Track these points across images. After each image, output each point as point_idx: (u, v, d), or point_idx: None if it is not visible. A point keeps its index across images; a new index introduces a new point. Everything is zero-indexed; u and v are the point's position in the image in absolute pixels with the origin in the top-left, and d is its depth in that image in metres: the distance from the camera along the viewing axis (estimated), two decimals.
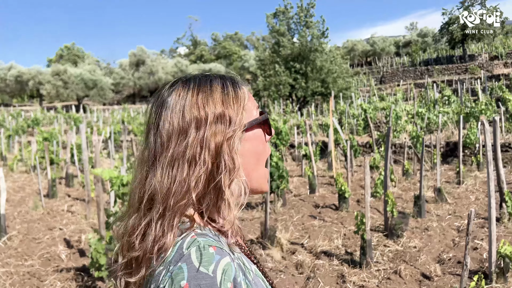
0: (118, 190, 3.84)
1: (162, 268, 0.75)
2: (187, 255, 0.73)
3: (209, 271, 0.71)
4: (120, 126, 23.24)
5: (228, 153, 0.81)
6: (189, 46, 73.69)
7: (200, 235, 0.77)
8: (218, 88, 0.86)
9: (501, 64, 29.87)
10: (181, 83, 0.87)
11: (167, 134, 0.82)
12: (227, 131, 0.82)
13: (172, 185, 0.79)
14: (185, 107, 0.83)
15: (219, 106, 0.84)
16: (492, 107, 16.41)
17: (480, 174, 10.00)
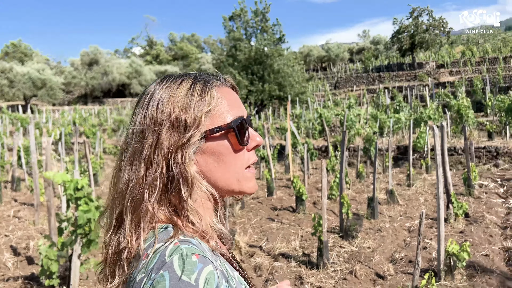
0: (73, 195, 3.69)
1: (144, 276, 0.72)
2: (170, 263, 0.71)
3: (191, 280, 0.69)
4: (71, 127, 22.34)
5: (182, 163, 0.79)
6: (144, 47, 72.15)
7: (183, 242, 0.75)
8: (184, 88, 0.83)
9: (446, 72, 31.52)
10: (158, 80, 0.87)
11: (131, 132, 0.83)
12: (181, 138, 0.80)
13: (130, 184, 0.79)
14: (148, 106, 0.82)
15: (178, 109, 0.80)
16: (439, 112, 17.29)
17: (429, 177, 10.48)
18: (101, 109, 38.95)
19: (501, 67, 27.84)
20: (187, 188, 0.80)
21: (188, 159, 0.80)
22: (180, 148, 0.80)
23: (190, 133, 0.80)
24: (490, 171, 10.81)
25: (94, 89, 51.35)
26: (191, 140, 0.80)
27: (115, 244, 0.79)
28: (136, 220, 0.78)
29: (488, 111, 17.92)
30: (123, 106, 42.06)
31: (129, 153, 0.81)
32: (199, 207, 0.82)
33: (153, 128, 0.80)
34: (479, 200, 7.76)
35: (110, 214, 0.83)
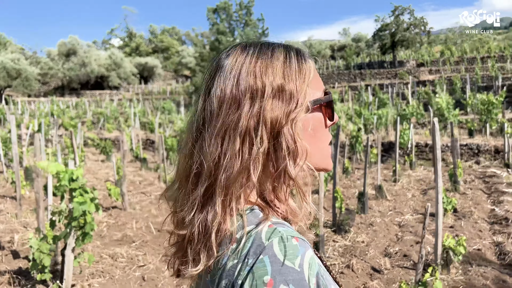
0: (68, 186, 3.54)
1: (237, 262, 0.65)
2: (269, 247, 0.64)
3: (295, 265, 0.62)
4: (49, 119, 21.75)
5: (291, 136, 0.71)
6: (123, 38, 70.92)
7: (278, 224, 0.68)
8: (280, 57, 0.75)
9: (426, 71, 32.08)
10: (240, 48, 0.77)
11: (218, 102, 0.72)
12: (287, 109, 0.72)
13: (222, 159, 0.70)
14: (240, 73, 0.73)
15: (279, 78, 0.73)
16: (420, 110, 17.58)
17: (413, 173, 10.62)
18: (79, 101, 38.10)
19: (479, 67, 28.50)
20: (294, 166, 0.72)
21: (299, 132, 0.72)
22: (289, 121, 0.72)
23: (298, 104, 0.73)
24: (471, 168, 11.04)
25: (71, 80, 50.14)
26: (300, 111, 0.73)
27: (200, 224, 0.70)
28: (228, 200, 0.70)
29: (468, 110, 18.30)
30: (101, 99, 41.23)
31: (218, 126, 0.71)
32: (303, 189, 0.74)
33: (251, 97, 0.72)
34: (465, 196, 7.90)
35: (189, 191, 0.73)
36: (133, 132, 15.30)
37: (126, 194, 7.39)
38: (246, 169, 0.70)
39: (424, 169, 11.24)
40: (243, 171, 0.70)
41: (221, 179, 0.70)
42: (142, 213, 7.20)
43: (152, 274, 4.57)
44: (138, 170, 12.00)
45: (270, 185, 0.74)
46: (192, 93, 30.71)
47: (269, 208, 0.73)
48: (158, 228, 6.32)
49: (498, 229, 5.92)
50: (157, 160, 12.77)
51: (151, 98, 38.34)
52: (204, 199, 0.71)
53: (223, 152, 0.70)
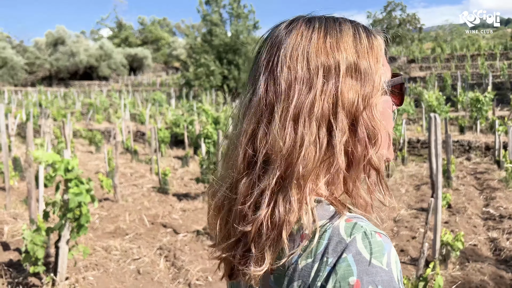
0: (64, 176, 3.43)
1: (312, 261, 0.58)
2: (352, 244, 0.57)
3: (383, 264, 0.56)
4: (37, 109, 21.38)
5: (371, 121, 0.64)
6: (113, 29, 70.01)
7: (355, 218, 0.61)
8: (349, 32, 0.68)
9: (417, 67, 32.26)
10: (303, 22, 0.68)
11: (287, 82, 0.64)
12: (364, 91, 0.65)
13: (298, 146, 0.62)
14: (309, 50, 0.65)
15: (352, 54, 0.66)
16: (411, 106, 17.67)
17: (406, 168, 10.67)
18: (68, 91, 37.57)
19: (469, 64, 28.76)
20: (375, 153, 0.64)
21: (380, 115, 0.65)
22: (368, 104, 0.64)
23: (375, 85, 0.65)
24: (462, 164, 11.12)
25: (59, 70, 49.44)
26: (378, 93, 0.66)
27: (270, 218, 0.62)
28: (302, 192, 0.62)
29: (459, 107, 18.46)
30: (90, 89, 40.69)
31: (290, 109, 0.63)
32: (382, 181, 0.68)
33: (324, 75, 0.64)
34: (458, 192, 7.94)
35: (254, 182, 0.64)
36: (124, 123, 15.10)
37: (118, 186, 7.28)
38: (326, 158, 0.63)
39: (416, 164, 11.30)
40: (323, 160, 0.63)
41: (298, 169, 0.61)
42: (135, 205, 7.09)
43: (147, 267, 4.49)
44: (129, 162, 11.85)
45: (341, 175, 0.66)
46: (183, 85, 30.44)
47: (338, 201, 0.65)
48: (151, 220, 6.22)
49: (492, 225, 5.96)
50: (148, 152, 12.63)
51: (141, 89, 37.94)
52: (274, 191, 0.63)
53: (298, 138, 0.62)
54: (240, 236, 0.66)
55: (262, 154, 0.64)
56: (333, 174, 0.64)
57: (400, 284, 0.57)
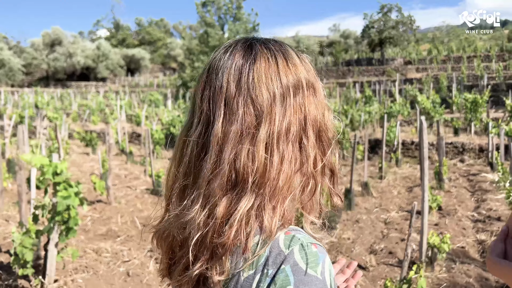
0: (52, 179, 3.47)
1: (253, 272, 0.63)
2: (290, 255, 0.62)
3: (318, 273, 0.61)
4: (32, 110, 21.37)
5: (327, 127, 0.73)
6: (110, 30, 69.98)
7: (294, 230, 0.67)
8: (293, 54, 0.74)
9: (413, 68, 32.37)
10: (262, 47, 0.72)
11: (267, 104, 0.68)
12: (319, 104, 0.73)
13: (282, 165, 0.67)
14: (280, 72, 0.70)
15: (306, 73, 0.73)
16: (407, 108, 17.74)
17: (399, 170, 10.72)
18: (64, 92, 37.53)
19: (465, 66, 28.86)
20: (331, 156, 0.74)
21: (332, 128, 0.74)
22: (323, 115, 0.73)
23: (322, 98, 0.74)
24: (456, 166, 11.18)
25: (56, 71, 49.37)
26: (327, 106, 0.75)
27: (244, 231, 0.65)
28: (281, 206, 0.68)
29: (454, 108, 18.54)
30: (87, 90, 40.67)
31: (268, 132, 0.67)
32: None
33: (294, 95, 0.70)
34: (449, 194, 8.00)
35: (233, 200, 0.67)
36: (119, 125, 15.12)
37: (111, 188, 7.30)
38: (300, 169, 0.70)
39: (410, 166, 11.34)
40: (296, 173, 0.69)
41: (279, 186, 0.66)
42: (128, 207, 7.12)
43: (137, 269, 4.52)
44: (124, 164, 11.88)
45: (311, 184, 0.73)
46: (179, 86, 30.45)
47: (283, 215, 0.69)
48: (143, 222, 6.25)
49: (481, 227, 6.01)
50: (143, 153, 12.65)
51: (138, 90, 37.94)
52: (254, 208, 0.66)
53: (281, 158, 0.67)
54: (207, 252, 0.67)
55: (248, 175, 0.66)
56: (303, 185, 0.71)
57: None
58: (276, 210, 0.67)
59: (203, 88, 0.73)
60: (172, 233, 0.72)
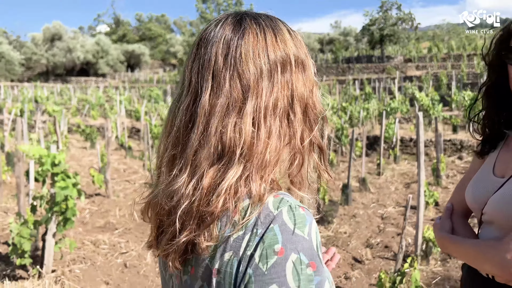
0: (50, 170, 3.49)
1: (243, 233, 0.65)
2: (278, 216, 0.64)
3: (304, 233, 0.63)
4: (32, 105, 21.37)
5: (315, 105, 0.75)
6: (110, 25, 69.84)
7: (283, 194, 0.69)
8: (285, 29, 0.75)
9: (413, 66, 32.36)
10: (251, 21, 0.74)
11: (254, 78, 0.69)
12: (308, 81, 0.75)
13: (268, 139, 0.69)
14: (268, 47, 0.71)
15: (295, 50, 0.74)
16: (406, 105, 17.75)
17: (397, 167, 10.75)
18: (64, 87, 37.49)
19: (465, 64, 28.85)
20: (318, 133, 0.76)
21: (319, 102, 0.76)
22: (311, 92, 0.74)
23: (311, 75, 0.76)
24: (454, 163, 11.21)
25: (56, 66, 49.27)
26: (316, 83, 0.77)
27: (233, 199, 0.67)
28: (266, 177, 0.69)
29: (453, 106, 18.55)
30: (87, 86, 40.62)
31: (257, 105, 0.69)
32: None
33: (282, 71, 0.71)
34: (446, 190, 8.03)
35: (222, 170, 0.68)
36: (119, 119, 15.14)
37: (109, 182, 7.33)
38: (288, 144, 0.72)
39: (408, 163, 11.38)
40: (285, 147, 0.71)
41: (266, 159, 0.68)
42: (126, 200, 7.15)
43: (134, 261, 4.55)
44: (123, 158, 11.90)
45: (298, 158, 0.75)
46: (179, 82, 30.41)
47: (273, 181, 0.72)
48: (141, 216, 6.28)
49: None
50: (142, 148, 12.68)
51: (138, 86, 37.93)
52: (240, 179, 0.68)
53: (268, 132, 0.69)
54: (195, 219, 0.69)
55: (235, 147, 0.68)
56: (292, 159, 0.73)
57: (319, 251, 0.64)
58: (264, 179, 0.69)
59: (193, 60, 0.74)
60: (160, 202, 0.74)
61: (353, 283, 4.17)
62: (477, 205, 1.29)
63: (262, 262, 0.61)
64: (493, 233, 1.24)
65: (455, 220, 1.39)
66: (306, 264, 0.62)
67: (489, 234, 1.26)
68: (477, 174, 1.35)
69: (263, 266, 0.61)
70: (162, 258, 0.77)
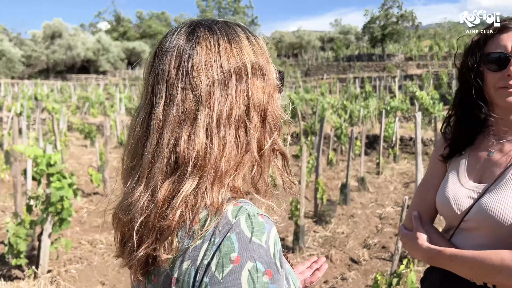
0: (45, 170, 3.48)
1: (201, 242, 0.64)
2: (236, 224, 0.64)
3: (262, 241, 0.63)
4: (32, 102, 21.36)
5: (274, 111, 0.74)
6: (111, 22, 69.74)
7: (242, 202, 0.69)
8: (243, 36, 0.74)
9: (414, 65, 32.29)
10: (204, 30, 0.73)
11: (207, 88, 0.68)
12: (267, 87, 0.73)
13: (222, 149, 0.68)
14: (221, 56, 0.70)
15: (253, 56, 0.73)
16: (406, 104, 17.72)
17: (397, 166, 10.73)
18: (64, 84, 37.47)
19: None
20: (279, 139, 0.75)
21: (278, 108, 0.75)
22: (270, 98, 0.74)
23: (271, 81, 0.75)
24: None
25: (56, 63, 49.23)
26: (275, 89, 0.75)
27: (191, 211, 0.67)
28: (222, 187, 0.69)
29: None
30: (87, 83, 40.60)
31: (210, 115, 0.68)
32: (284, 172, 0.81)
33: (237, 79, 0.70)
34: None
35: (177, 182, 0.68)
36: (118, 117, 15.13)
37: (108, 180, 7.32)
38: (244, 153, 0.71)
39: (407, 162, 11.36)
40: (242, 156, 0.71)
41: (221, 168, 0.68)
42: None
43: None
44: None
45: (256, 166, 0.74)
46: None
47: (235, 189, 0.72)
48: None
49: None
50: None
51: (138, 83, 37.88)
52: (196, 190, 0.67)
53: (221, 141, 0.68)
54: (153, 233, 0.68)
55: (188, 159, 0.67)
56: (250, 167, 0.73)
57: (276, 259, 0.64)
58: (222, 188, 0.69)
59: (149, 71, 0.74)
60: (118, 214, 0.75)
61: (350, 284, 4.16)
62: (458, 212, 1.27)
63: (218, 270, 0.62)
64: (474, 240, 1.23)
65: (428, 229, 1.36)
66: (263, 272, 0.62)
67: (468, 241, 1.25)
68: (449, 180, 1.33)
69: (219, 275, 0.61)
70: (128, 268, 0.76)
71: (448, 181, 1.34)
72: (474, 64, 1.27)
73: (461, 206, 1.27)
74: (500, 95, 1.23)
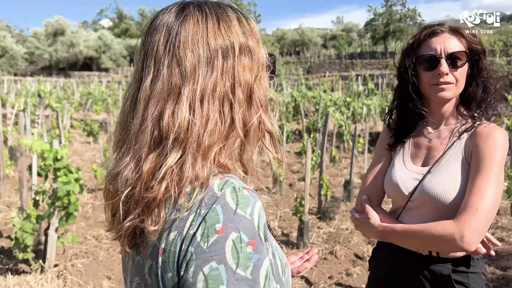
0: (52, 165, 3.50)
1: (188, 213, 0.66)
2: (222, 197, 0.66)
3: (246, 213, 0.65)
4: (35, 99, 21.39)
5: (261, 92, 0.75)
6: (113, 19, 69.77)
7: (230, 176, 0.71)
8: (234, 17, 0.76)
9: None
10: (194, 8, 0.74)
11: (192, 64, 0.70)
12: (255, 67, 0.74)
13: (205, 123, 0.69)
14: (209, 34, 0.72)
15: (242, 36, 0.74)
16: None
17: None
18: (67, 81, 37.53)
19: None
20: (268, 120, 0.76)
21: (266, 87, 0.77)
22: (258, 77, 0.75)
23: (260, 61, 0.76)
24: None
25: (59, 61, 49.28)
26: (263, 69, 0.77)
27: (176, 184, 0.68)
28: (207, 161, 0.70)
29: None
30: (90, 80, 40.66)
31: (195, 90, 0.69)
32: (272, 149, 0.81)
33: (223, 56, 0.72)
34: None
35: (161, 154, 0.69)
36: None
37: None
38: (230, 130, 0.72)
39: None
40: (227, 132, 0.72)
41: (204, 142, 0.69)
42: None
43: None
44: None
45: (241, 144, 0.76)
46: None
47: (221, 165, 0.74)
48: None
49: None
50: None
51: None
52: (181, 163, 0.69)
53: (205, 116, 0.70)
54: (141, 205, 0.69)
55: (171, 133, 0.69)
56: (234, 143, 0.74)
57: (260, 231, 0.66)
58: (207, 162, 0.70)
59: (141, 48, 0.77)
60: (106, 184, 0.77)
61: (354, 279, 4.17)
62: (406, 193, 1.43)
63: (203, 240, 0.63)
64: (418, 217, 1.41)
65: (378, 210, 1.52)
66: (246, 242, 0.63)
67: (413, 219, 1.42)
68: (396, 166, 1.51)
69: (204, 244, 0.63)
70: (117, 240, 0.77)
71: (395, 166, 1.51)
72: (411, 64, 1.47)
73: (408, 187, 1.43)
74: (433, 91, 1.43)
